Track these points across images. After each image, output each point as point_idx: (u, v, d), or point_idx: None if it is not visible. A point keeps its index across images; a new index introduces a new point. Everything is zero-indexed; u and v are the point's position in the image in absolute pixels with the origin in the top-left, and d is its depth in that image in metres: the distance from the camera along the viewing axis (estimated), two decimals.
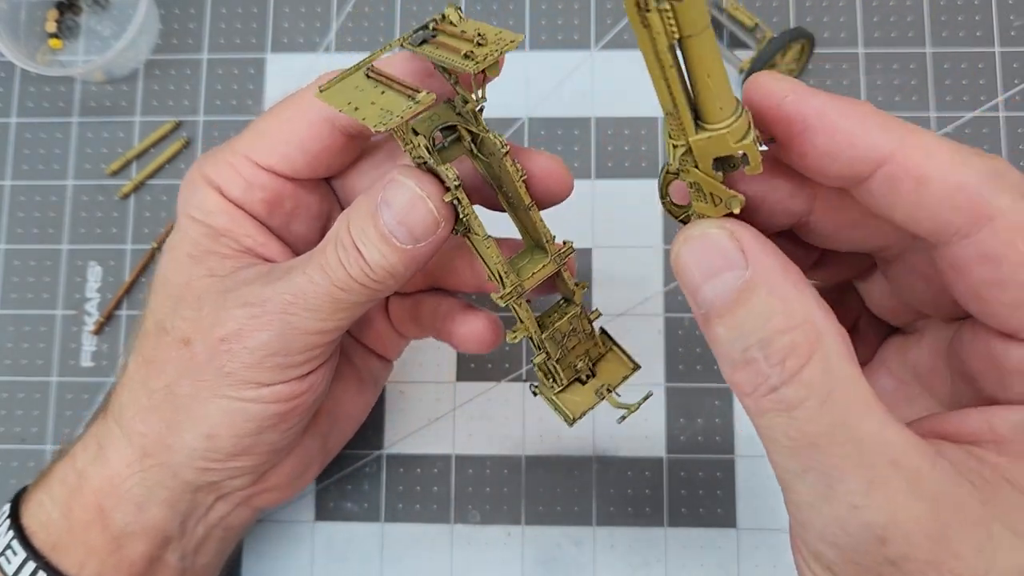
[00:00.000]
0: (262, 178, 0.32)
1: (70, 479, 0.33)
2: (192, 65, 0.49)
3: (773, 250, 0.22)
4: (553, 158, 0.30)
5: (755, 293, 0.21)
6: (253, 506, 0.36)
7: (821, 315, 0.21)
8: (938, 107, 0.46)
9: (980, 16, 0.47)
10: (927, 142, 0.21)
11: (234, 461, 0.32)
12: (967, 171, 0.20)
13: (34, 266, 0.47)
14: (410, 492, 0.44)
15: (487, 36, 0.25)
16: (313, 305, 0.29)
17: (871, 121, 0.21)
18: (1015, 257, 0.20)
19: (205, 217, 0.32)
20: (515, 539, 0.43)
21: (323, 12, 0.49)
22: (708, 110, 0.20)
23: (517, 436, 0.44)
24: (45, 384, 0.46)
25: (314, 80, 0.31)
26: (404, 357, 0.41)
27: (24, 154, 0.48)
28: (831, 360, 0.20)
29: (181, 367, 0.31)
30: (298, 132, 0.31)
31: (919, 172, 0.20)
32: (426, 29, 0.27)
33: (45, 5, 0.49)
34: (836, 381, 0.20)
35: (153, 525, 0.33)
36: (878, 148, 0.21)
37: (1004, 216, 0.20)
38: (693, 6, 0.18)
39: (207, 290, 0.31)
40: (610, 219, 0.46)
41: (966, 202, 0.20)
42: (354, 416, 0.40)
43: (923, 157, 0.20)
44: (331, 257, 0.28)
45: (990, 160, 0.21)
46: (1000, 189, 0.20)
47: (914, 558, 0.19)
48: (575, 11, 0.48)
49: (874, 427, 0.20)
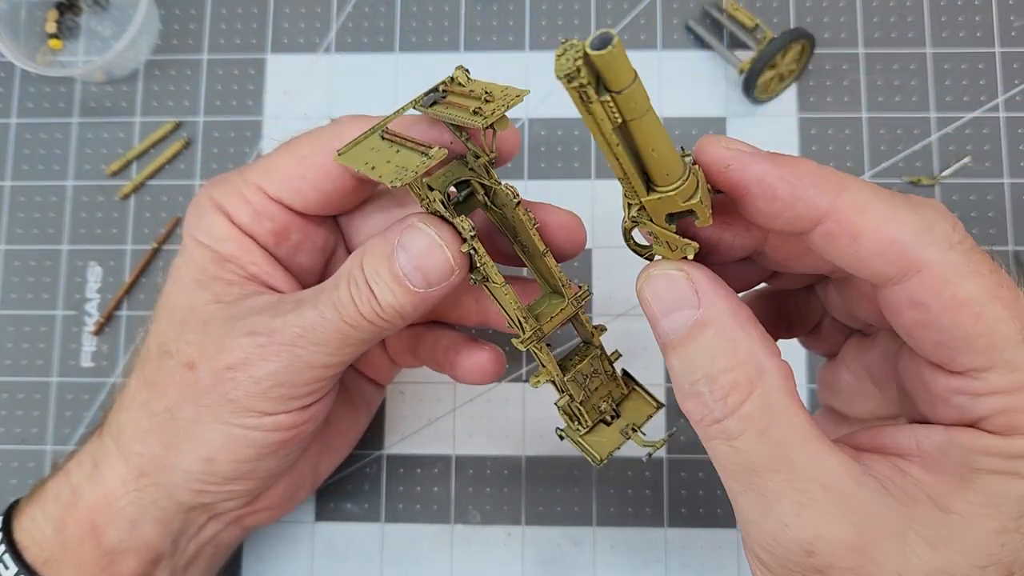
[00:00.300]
0: (271, 209, 0.32)
1: (64, 495, 0.33)
2: (192, 65, 0.49)
3: (725, 293, 0.24)
4: (568, 213, 0.31)
5: (704, 332, 0.23)
6: (244, 525, 0.37)
7: (764, 354, 0.23)
8: (938, 107, 0.46)
9: (980, 16, 0.47)
10: (861, 199, 0.22)
11: (231, 485, 0.33)
12: (898, 226, 0.22)
13: (34, 266, 0.47)
14: (410, 492, 0.44)
15: (494, 93, 0.26)
16: (322, 339, 0.29)
17: (808, 181, 0.23)
18: (939, 304, 0.22)
19: (212, 243, 0.32)
20: (515, 539, 0.43)
21: (323, 12, 0.49)
22: (656, 177, 0.23)
23: (517, 436, 0.44)
24: (45, 384, 0.46)
25: (331, 122, 0.32)
26: None
27: (24, 154, 0.48)
28: (770, 396, 0.23)
29: (184, 391, 0.31)
30: (312, 170, 0.31)
31: (853, 228, 0.22)
32: (436, 91, 0.28)
33: (45, 5, 0.49)
34: (774, 415, 0.23)
35: (146, 543, 0.33)
36: (815, 208, 0.22)
37: (930, 268, 0.22)
38: (632, 97, 0.20)
39: (213, 316, 0.31)
40: (610, 219, 0.46)
41: (896, 256, 0.22)
42: (346, 441, 0.40)
43: (857, 214, 0.22)
44: (343, 294, 0.29)
45: (923, 211, 0.22)
46: (928, 243, 0.22)
47: (838, 566, 0.22)
48: (575, 11, 0.48)
49: (807, 456, 0.23)
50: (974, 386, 0.22)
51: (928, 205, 0.23)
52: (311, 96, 0.48)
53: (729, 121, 0.47)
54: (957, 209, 0.45)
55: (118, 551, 0.33)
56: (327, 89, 0.48)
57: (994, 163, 0.45)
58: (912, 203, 0.23)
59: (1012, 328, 0.22)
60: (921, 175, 0.45)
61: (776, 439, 0.23)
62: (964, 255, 0.22)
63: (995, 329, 0.22)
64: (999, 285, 0.22)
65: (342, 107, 0.48)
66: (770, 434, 0.23)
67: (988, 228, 0.45)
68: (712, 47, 0.47)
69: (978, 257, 0.22)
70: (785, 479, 0.23)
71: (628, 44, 0.47)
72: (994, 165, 0.45)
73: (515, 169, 0.46)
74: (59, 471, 0.34)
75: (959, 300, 0.22)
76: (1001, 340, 0.22)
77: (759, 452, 0.23)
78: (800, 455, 0.23)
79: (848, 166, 0.46)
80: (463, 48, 0.48)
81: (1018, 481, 0.22)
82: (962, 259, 0.22)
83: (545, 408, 0.44)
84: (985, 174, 0.45)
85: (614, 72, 0.19)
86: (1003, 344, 0.22)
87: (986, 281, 0.22)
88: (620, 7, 0.48)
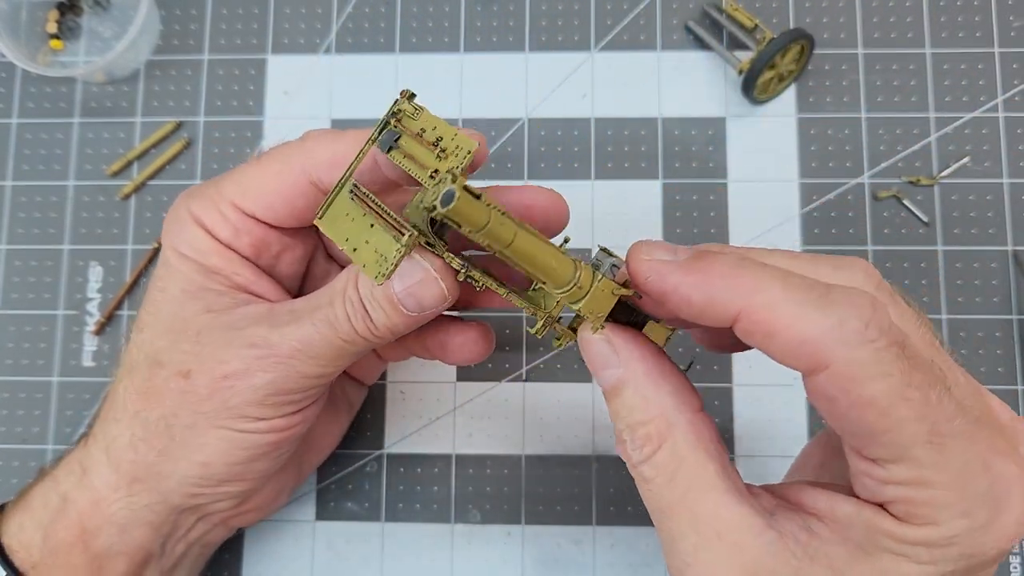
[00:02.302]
0: (248, 224, 0.33)
1: (53, 502, 0.33)
2: (193, 66, 0.49)
3: (641, 354, 0.27)
4: (547, 192, 0.31)
5: (624, 389, 0.27)
6: (231, 525, 0.38)
7: (674, 411, 0.26)
8: (938, 107, 0.46)
9: (980, 16, 0.47)
10: (771, 300, 0.23)
11: (224, 487, 0.34)
12: (806, 326, 0.23)
13: (35, 266, 0.47)
14: (410, 492, 0.44)
15: (444, 142, 0.26)
16: (318, 353, 0.31)
17: (722, 284, 0.24)
18: (846, 400, 0.23)
19: (197, 256, 0.33)
20: (515, 539, 0.43)
21: (323, 13, 0.49)
22: (549, 283, 0.27)
23: (517, 436, 0.44)
24: (46, 384, 0.46)
25: (300, 137, 0.32)
26: None
27: (25, 154, 0.48)
28: (679, 448, 0.26)
29: (180, 399, 0.32)
30: (283, 187, 0.32)
31: (765, 328, 0.23)
32: (388, 126, 0.28)
33: (46, 6, 0.49)
34: (681, 465, 0.25)
35: (136, 546, 0.34)
36: (728, 310, 0.24)
37: (837, 366, 0.23)
38: (491, 235, 0.23)
39: (207, 326, 0.32)
40: (610, 219, 0.46)
41: (805, 355, 0.23)
42: (329, 440, 0.41)
43: (768, 314, 0.23)
44: (339, 311, 0.30)
45: (834, 308, 0.23)
46: (835, 341, 0.23)
47: None
48: (575, 11, 0.48)
49: (708, 505, 0.25)
50: (880, 474, 0.24)
51: (841, 301, 0.23)
52: (311, 97, 0.48)
53: (728, 121, 0.47)
54: (957, 209, 0.45)
55: (108, 555, 0.33)
56: (327, 89, 0.48)
57: (993, 163, 0.45)
58: (826, 299, 0.23)
59: (918, 429, 0.23)
60: (920, 175, 0.46)
61: (682, 486, 0.25)
62: (874, 354, 0.22)
63: (901, 428, 0.23)
64: (907, 385, 0.23)
65: (342, 107, 0.48)
66: (677, 481, 0.25)
67: (987, 228, 0.45)
68: (712, 47, 0.47)
69: (889, 356, 0.23)
70: (687, 523, 0.25)
71: (628, 45, 0.48)
72: (993, 165, 0.45)
73: (515, 169, 0.47)
74: (46, 477, 0.35)
75: (864, 399, 0.23)
76: (907, 438, 0.23)
77: (667, 496, 0.26)
78: (701, 503, 0.25)
79: (848, 166, 0.46)
80: (463, 48, 0.48)
81: (908, 564, 0.24)
82: (871, 359, 0.22)
83: (546, 408, 0.44)
84: (984, 174, 0.45)
85: (465, 219, 0.23)
86: (908, 442, 0.23)
87: (893, 383, 0.23)
88: (620, 7, 0.48)
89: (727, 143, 0.46)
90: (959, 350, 0.44)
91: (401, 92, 0.28)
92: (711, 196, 0.46)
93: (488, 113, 0.47)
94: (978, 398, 0.25)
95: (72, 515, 0.33)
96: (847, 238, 0.45)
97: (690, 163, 0.46)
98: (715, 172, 0.46)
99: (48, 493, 0.34)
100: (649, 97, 0.47)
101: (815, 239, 0.45)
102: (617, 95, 0.47)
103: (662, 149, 0.46)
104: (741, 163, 0.46)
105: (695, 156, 0.46)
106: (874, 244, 0.45)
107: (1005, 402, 0.27)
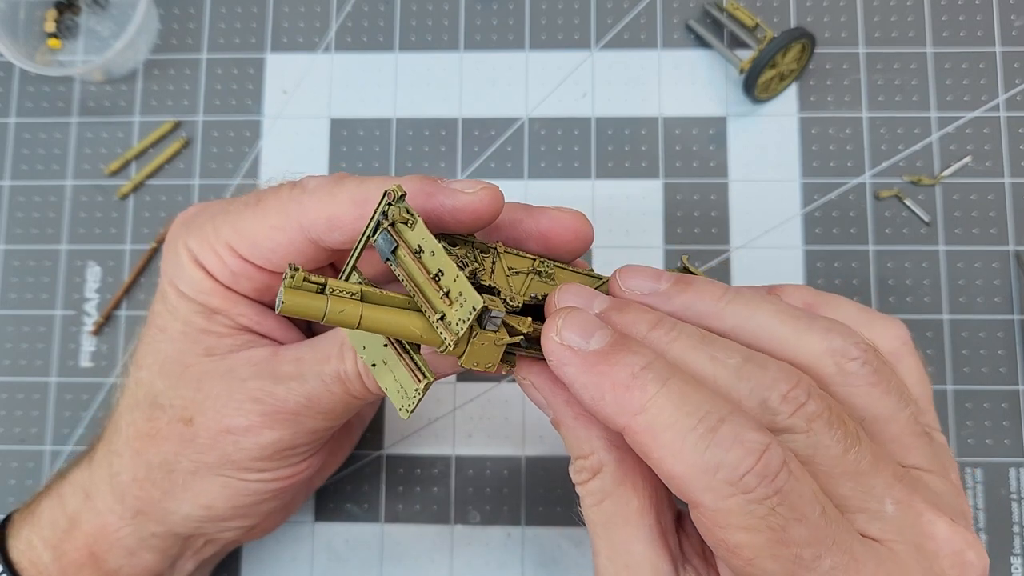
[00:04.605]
0: (248, 269, 0.31)
1: (60, 522, 0.33)
2: (191, 65, 0.48)
3: (567, 399, 0.28)
4: (572, 214, 0.29)
5: (561, 428, 0.28)
6: (238, 542, 0.38)
7: (603, 450, 0.27)
8: (938, 107, 0.46)
9: (980, 16, 0.47)
10: (653, 425, 0.23)
11: (230, 522, 0.33)
12: (677, 463, 0.23)
13: (33, 266, 0.47)
14: (410, 493, 0.44)
15: (447, 285, 0.24)
16: (326, 409, 0.30)
17: (611, 397, 0.24)
18: (711, 539, 0.24)
19: (197, 296, 0.31)
20: (515, 540, 0.43)
21: (323, 12, 0.49)
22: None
23: (517, 436, 0.44)
24: (44, 384, 0.46)
25: (299, 184, 0.30)
26: None
27: (23, 154, 0.48)
28: (606, 481, 0.27)
29: (180, 445, 0.31)
30: (281, 244, 0.30)
31: (642, 451, 0.24)
32: (380, 227, 0.25)
33: (44, 5, 0.49)
34: (608, 496, 0.27)
35: (145, 567, 0.34)
36: (616, 424, 0.24)
37: (703, 508, 0.23)
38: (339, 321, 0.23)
39: (208, 372, 0.31)
40: (610, 219, 0.46)
41: (678, 489, 0.24)
42: (340, 456, 0.41)
43: (647, 438, 0.24)
44: (349, 367, 0.29)
45: (714, 450, 0.23)
46: (705, 487, 0.23)
47: None
48: (575, 11, 0.48)
49: (622, 537, 0.27)
50: None
51: (726, 440, 0.22)
52: (310, 96, 0.48)
53: (729, 121, 0.47)
54: (958, 209, 0.45)
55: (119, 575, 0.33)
56: (327, 89, 0.48)
57: (995, 162, 0.45)
58: (712, 434, 0.23)
59: None
60: (921, 175, 0.45)
61: (606, 514, 0.27)
62: (743, 506, 0.22)
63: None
64: (777, 542, 0.22)
65: (341, 106, 0.48)
66: (602, 508, 0.27)
67: (988, 228, 0.45)
68: (712, 46, 0.47)
69: (762, 509, 0.22)
70: (605, 547, 0.27)
71: (628, 44, 0.47)
72: (995, 165, 0.45)
73: (515, 169, 0.46)
74: (51, 492, 0.34)
75: (729, 546, 0.23)
76: None
77: (593, 518, 0.28)
78: (618, 534, 0.27)
79: (849, 165, 0.46)
80: (463, 47, 0.48)
81: None
82: (738, 510, 0.22)
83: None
84: (985, 174, 0.45)
85: (302, 313, 0.23)
86: None
87: (759, 538, 0.22)
88: (620, 6, 0.48)
89: (728, 142, 0.46)
90: (960, 350, 0.44)
91: (386, 192, 0.25)
92: (712, 196, 0.46)
93: (488, 112, 0.47)
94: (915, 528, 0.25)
95: (79, 538, 0.33)
96: (848, 238, 0.45)
97: (691, 162, 0.46)
98: (716, 171, 0.46)
99: (55, 512, 0.34)
100: (650, 96, 0.47)
101: (816, 239, 0.45)
102: (618, 94, 0.47)
103: (663, 148, 0.46)
104: (742, 162, 0.46)
105: (696, 155, 0.46)
106: (875, 244, 0.45)
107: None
